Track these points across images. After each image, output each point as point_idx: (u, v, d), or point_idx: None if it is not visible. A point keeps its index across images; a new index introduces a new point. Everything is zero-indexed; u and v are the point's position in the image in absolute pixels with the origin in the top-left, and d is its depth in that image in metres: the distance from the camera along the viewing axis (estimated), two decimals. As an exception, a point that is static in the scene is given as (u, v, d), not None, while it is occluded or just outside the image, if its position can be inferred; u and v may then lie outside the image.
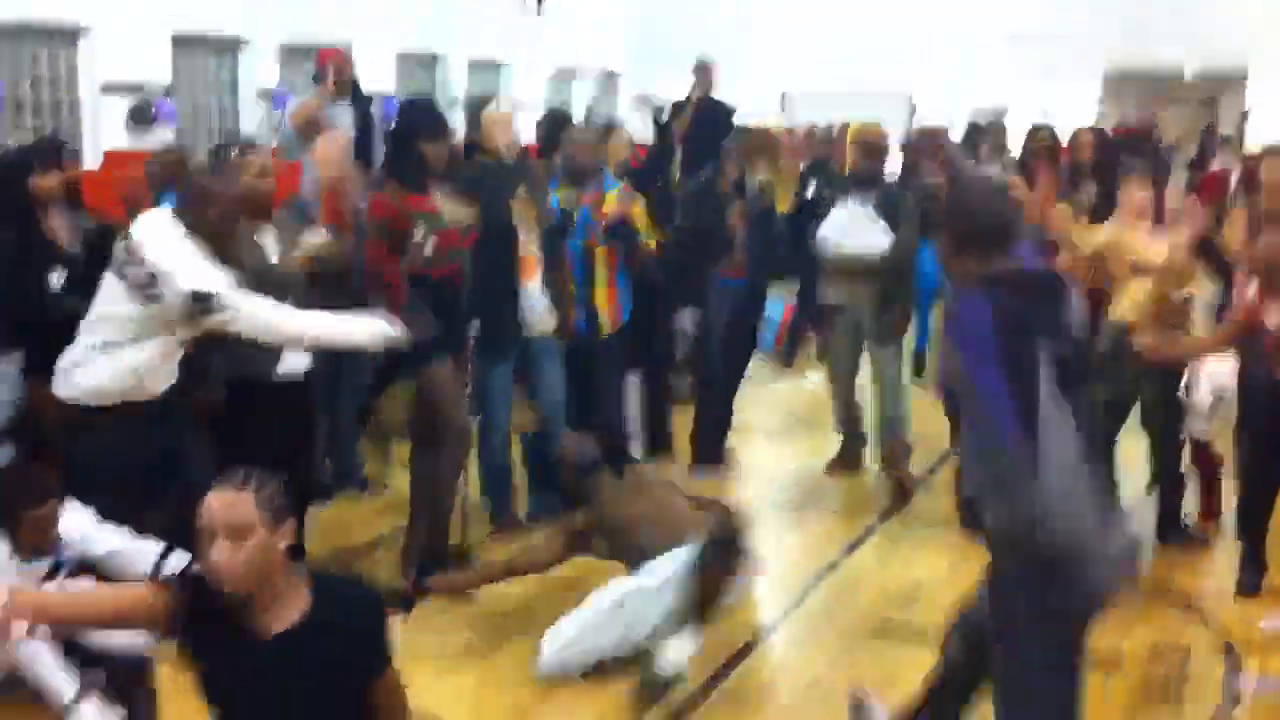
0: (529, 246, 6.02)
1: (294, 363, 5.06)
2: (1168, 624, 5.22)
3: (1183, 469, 6.12)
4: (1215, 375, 5.88)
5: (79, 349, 4.47)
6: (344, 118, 7.42)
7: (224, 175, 4.89)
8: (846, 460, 7.23)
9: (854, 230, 6.68)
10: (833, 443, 7.28)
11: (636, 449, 7.19)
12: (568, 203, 6.21)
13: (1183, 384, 5.88)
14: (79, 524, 4.30)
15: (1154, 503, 6.24)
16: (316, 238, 5.15)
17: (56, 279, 5.20)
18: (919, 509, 6.65)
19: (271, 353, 4.93)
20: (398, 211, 5.34)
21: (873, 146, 6.86)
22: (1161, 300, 5.73)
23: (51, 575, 4.21)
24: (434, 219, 5.38)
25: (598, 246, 6.36)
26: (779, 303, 8.51)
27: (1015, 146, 8.32)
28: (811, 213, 7.26)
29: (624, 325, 6.54)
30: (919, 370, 9.53)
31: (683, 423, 7.40)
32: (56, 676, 4.09)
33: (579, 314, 6.35)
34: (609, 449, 5.15)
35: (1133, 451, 6.30)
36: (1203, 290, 6.07)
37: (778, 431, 8.24)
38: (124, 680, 4.23)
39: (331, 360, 6.38)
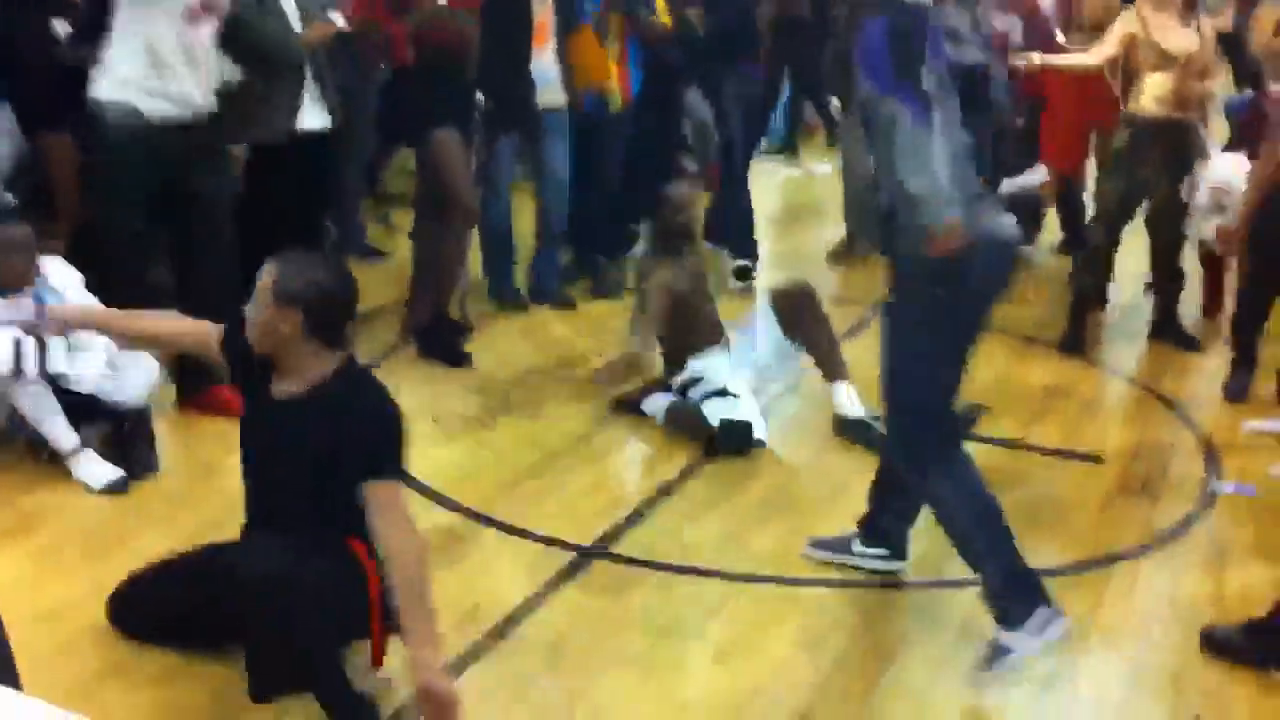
0: (543, 10, 5.89)
1: (313, 119, 5.00)
2: (1151, 422, 5.31)
3: (1182, 267, 6.14)
4: (1214, 175, 5.75)
5: None
6: None
7: None
8: (850, 250, 7.26)
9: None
10: (836, 232, 7.28)
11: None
12: None
13: (1185, 184, 5.80)
14: (66, 278, 4.34)
15: (1150, 301, 6.30)
16: (331, 21, 5.02)
17: (62, 26, 5.10)
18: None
19: (289, 109, 4.88)
20: None
21: None
22: (1182, 94, 5.66)
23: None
24: None
25: (611, 15, 6.21)
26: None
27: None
28: None
29: (633, 101, 6.44)
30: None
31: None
32: (57, 427, 4.19)
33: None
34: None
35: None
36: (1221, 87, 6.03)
37: (781, 220, 8.23)
38: (124, 431, 4.33)
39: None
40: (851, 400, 4.93)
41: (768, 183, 8.76)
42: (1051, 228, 7.66)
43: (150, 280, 4.73)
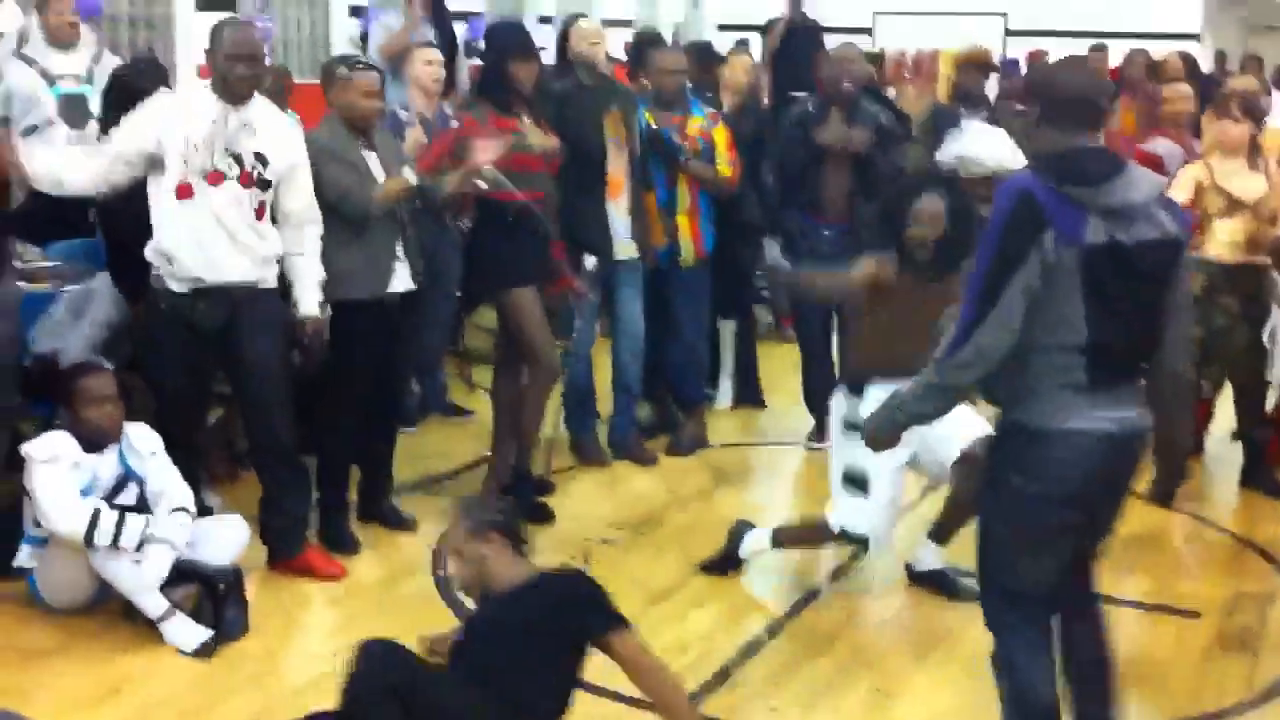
0: (617, 167, 6.02)
1: (400, 281, 5.10)
2: (1250, 573, 5.19)
3: (1267, 413, 6.05)
4: None
5: None
6: (429, 39, 7.43)
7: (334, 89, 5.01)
8: None
9: (986, 143, 6.27)
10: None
11: (726, 395, 7.26)
12: (658, 123, 6.18)
13: (1267, 329, 5.74)
14: (150, 442, 4.45)
15: (1240, 448, 6.20)
16: (405, 177, 5.14)
17: None
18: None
19: (385, 271, 5.01)
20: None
21: (982, 67, 6.76)
22: (1255, 238, 5.65)
23: (118, 489, 4.36)
24: (518, 139, 5.39)
25: (681, 170, 6.29)
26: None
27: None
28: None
29: (708, 259, 6.49)
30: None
31: (767, 366, 7.38)
32: (143, 594, 4.24)
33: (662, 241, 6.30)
34: None
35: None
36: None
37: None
38: (217, 593, 4.38)
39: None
40: (931, 554, 4.85)
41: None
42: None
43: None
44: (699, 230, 6.41)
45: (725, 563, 4.94)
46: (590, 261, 6.02)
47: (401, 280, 5.09)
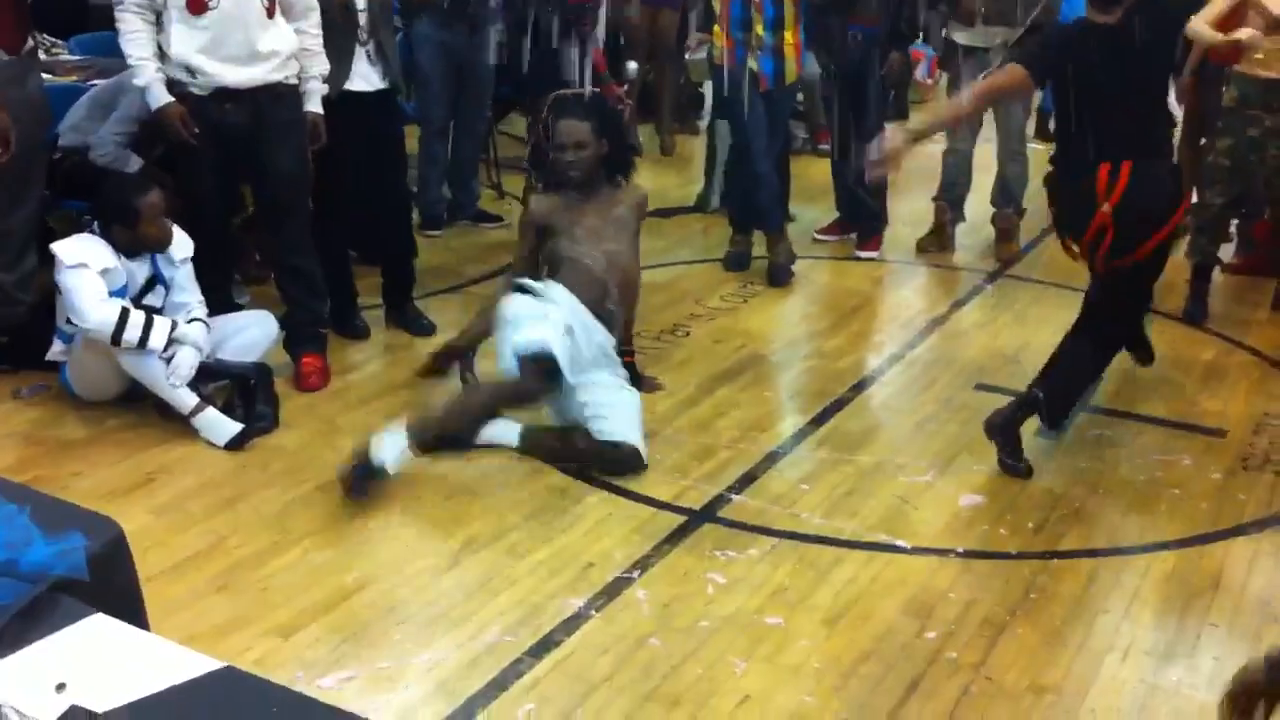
0: None
1: (366, 80, 5.02)
2: (1275, 394, 5.17)
3: None
4: None
5: None
6: None
7: None
8: (939, 238, 6.92)
9: None
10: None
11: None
12: None
13: None
14: (184, 248, 4.46)
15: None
16: None
17: None
18: (1026, 269, 6.63)
19: (339, 72, 4.91)
20: None
21: None
22: None
23: (146, 290, 4.39)
24: None
25: None
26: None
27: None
28: None
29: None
30: (1042, 131, 9.26)
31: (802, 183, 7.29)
32: (173, 391, 4.30)
33: (765, 62, 6.07)
34: None
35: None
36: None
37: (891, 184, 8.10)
38: (246, 389, 4.43)
39: (451, 90, 6.39)
40: None
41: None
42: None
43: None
44: (801, 48, 6.26)
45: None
46: (632, 67, 5.91)
47: (367, 79, 5.01)
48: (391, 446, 3.99)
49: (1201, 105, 6.26)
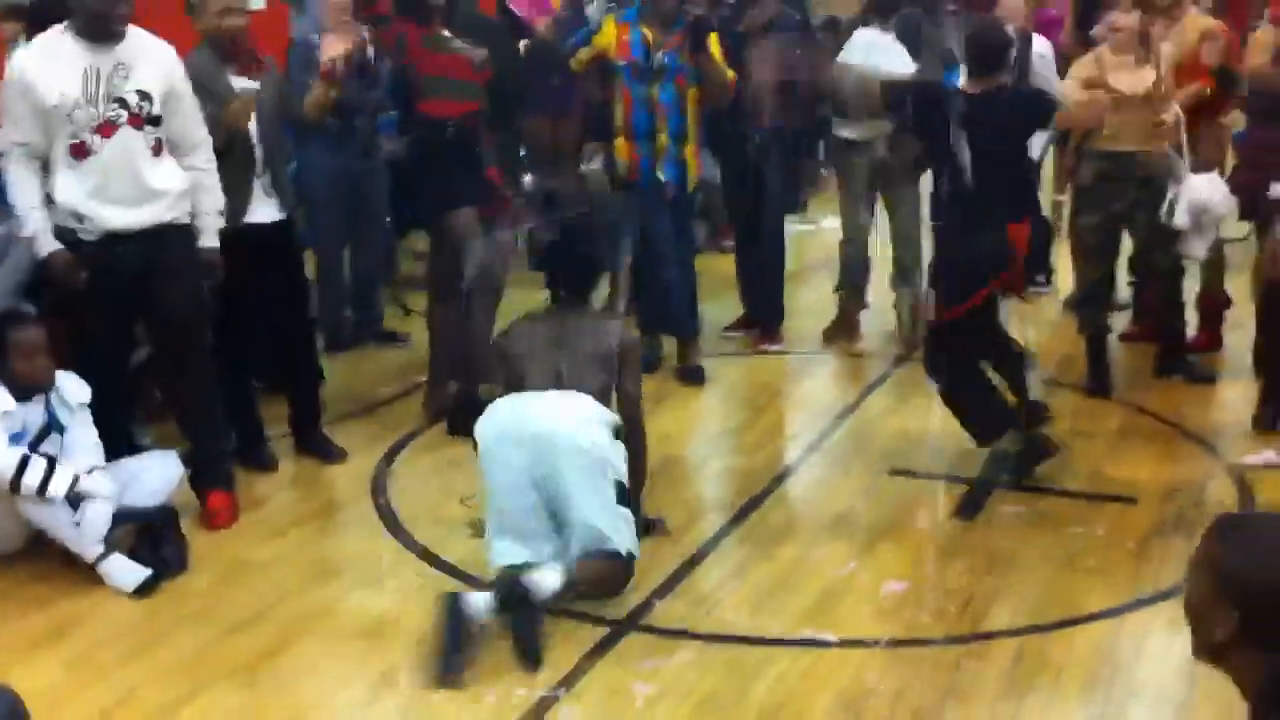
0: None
1: (264, 212, 5.00)
2: (1181, 459, 5.26)
3: (1181, 299, 6.15)
4: (1193, 192, 5.72)
5: None
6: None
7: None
8: (843, 327, 6.97)
9: (876, 55, 6.30)
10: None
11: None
12: (655, 45, 5.99)
13: (1164, 207, 5.77)
14: (79, 393, 4.38)
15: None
16: (248, 98, 4.90)
17: None
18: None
19: (236, 205, 4.87)
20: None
21: None
22: (1142, 128, 5.76)
23: (41, 437, 4.30)
24: (440, 40, 5.30)
25: (688, 88, 6.09)
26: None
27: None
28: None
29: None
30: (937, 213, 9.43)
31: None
32: (77, 539, 4.19)
33: (670, 169, 6.13)
34: None
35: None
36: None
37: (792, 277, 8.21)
38: (152, 533, 4.33)
39: (346, 212, 6.39)
40: None
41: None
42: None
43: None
44: (699, 153, 6.34)
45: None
46: (528, 180, 5.93)
47: (265, 211, 5.00)
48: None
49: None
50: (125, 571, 4.18)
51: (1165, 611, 3.97)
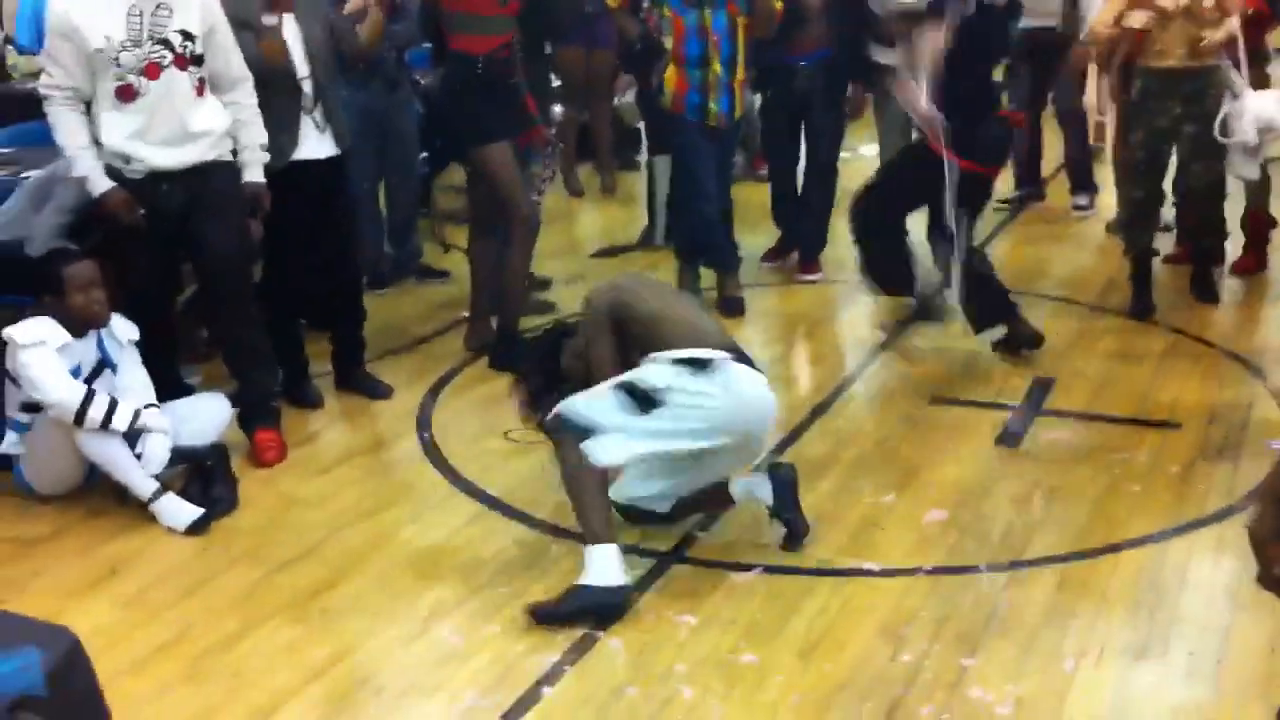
0: None
1: (316, 147, 4.99)
2: (1226, 383, 5.23)
3: (1222, 216, 6.11)
4: (1260, 109, 5.65)
5: None
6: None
7: None
8: None
9: None
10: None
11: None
12: None
13: (1218, 121, 5.69)
14: (128, 330, 4.44)
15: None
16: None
17: None
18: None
19: (286, 141, 4.88)
20: None
21: None
22: (1191, 44, 5.65)
23: (95, 374, 4.35)
24: None
25: (739, 17, 6.02)
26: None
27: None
28: None
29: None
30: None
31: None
32: (135, 474, 4.26)
33: (723, 100, 6.08)
34: None
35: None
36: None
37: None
38: (203, 472, 4.39)
39: (376, 149, 6.37)
40: None
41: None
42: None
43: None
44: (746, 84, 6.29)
45: None
46: (558, 110, 5.89)
47: (317, 146, 4.98)
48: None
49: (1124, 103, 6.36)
50: (177, 510, 4.25)
51: (1209, 537, 3.97)
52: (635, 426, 3.69)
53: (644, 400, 3.70)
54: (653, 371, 3.75)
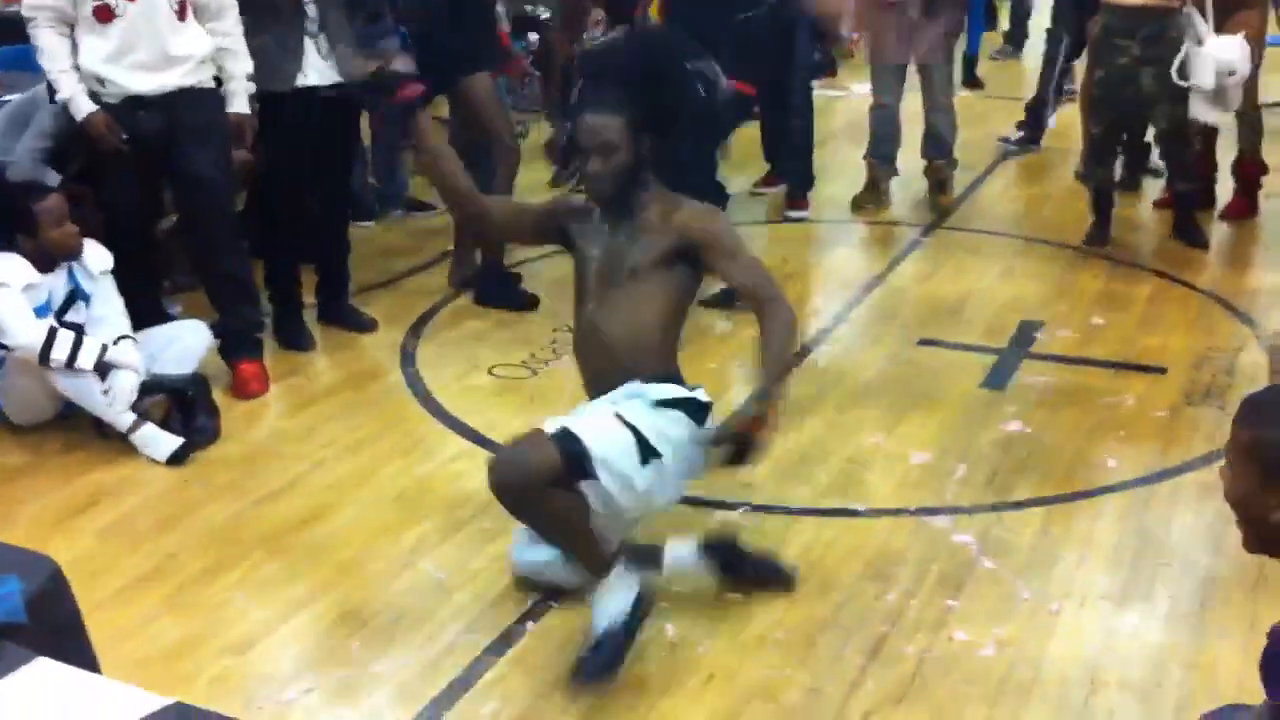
0: None
1: (317, 75, 4.89)
2: (1213, 328, 5.22)
3: (1187, 156, 6.10)
4: (1220, 51, 5.60)
5: None
6: None
7: None
8: (873, 194, 6.87)
9: None
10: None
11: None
12: None
13: (1175, 64, 5.64)
14: (101, 260, 4.38)
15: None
16: None
17: None
18: (962, 220, 6.66)
19: (289, 66, 4.80)
20: None
21: None
22: None
23: (66, 306, 4.31)
24: None
25: None
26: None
27: None
28: None
29: None
30: (969, 78, 9.31)
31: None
32: (108, 409, 4.22)
33: None
34: None
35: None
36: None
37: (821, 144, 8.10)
38: (184, 402, 4.36)
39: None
40: None
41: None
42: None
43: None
44: None
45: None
46: (533, 38, 5.79)
47: (320, 74, 4.87)
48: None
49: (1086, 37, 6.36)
50: (157, 441, 4.22)
51: (1194, 481, 3.97)
52: (635, 478, 3.14)
53: (645, 448, 3.14)
54: (670, 424, 3.19)
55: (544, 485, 3.02)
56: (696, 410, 3.25)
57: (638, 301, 3.29)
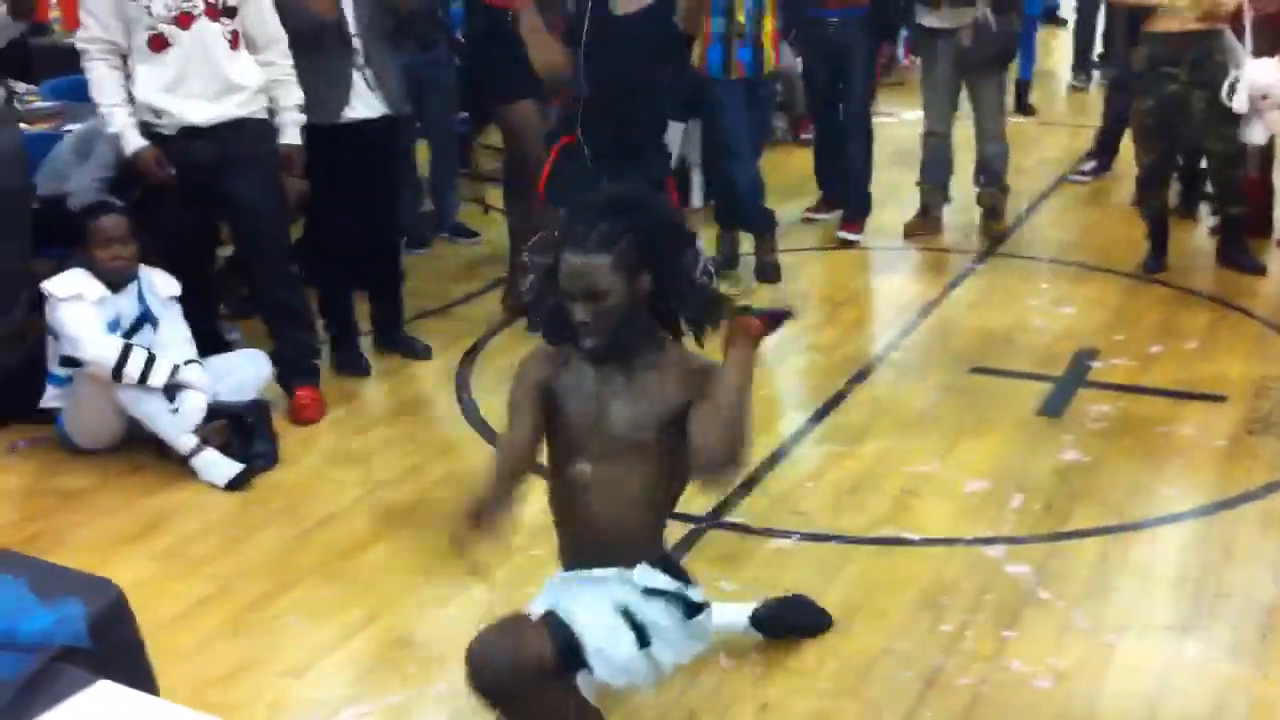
0: None
1: (366, 107, 4.93)
2: (1273, 355, 5.16)
3: (1240, 183, 6.03)
4: (1256, 75, 5.58)
5: None
6: None
7: None
8: (925, 221, 6.86)
9: None
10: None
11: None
12: None
13: (1225, 86, 5.62)
14: (169, 286, 4.44)
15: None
16: None
17: None
18: (1016, 247, 6.62)
19: (336, 98, 4.85)
20: None
21: None
22: (1201, 7, 5.61)
23: (135, 329, 4.37)
24: None
25: None
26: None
27: None
28: None
29: None
30: (1021, 104, 9.27)
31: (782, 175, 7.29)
32: (172, 431, 4.28)
33: (744, 51, 5.95)
34: None
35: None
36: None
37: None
38: (243, 428, 4.41)
39: (413, 108, 6.34)
40: None
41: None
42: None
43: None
44: (778, 37, 6.18)
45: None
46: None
47: (367, 106, 4.92)
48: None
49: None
50: (217, 466, 4.27)
51: (1255, 511, 3.92)
52: (634, 666, 2.74)
53: (638, 630, 2.73)
54: (660, 615, 2.75)
55: (532, 680, 2.58)
56: (688, 606, 2.81)
57: (633, 477, 2.77)
